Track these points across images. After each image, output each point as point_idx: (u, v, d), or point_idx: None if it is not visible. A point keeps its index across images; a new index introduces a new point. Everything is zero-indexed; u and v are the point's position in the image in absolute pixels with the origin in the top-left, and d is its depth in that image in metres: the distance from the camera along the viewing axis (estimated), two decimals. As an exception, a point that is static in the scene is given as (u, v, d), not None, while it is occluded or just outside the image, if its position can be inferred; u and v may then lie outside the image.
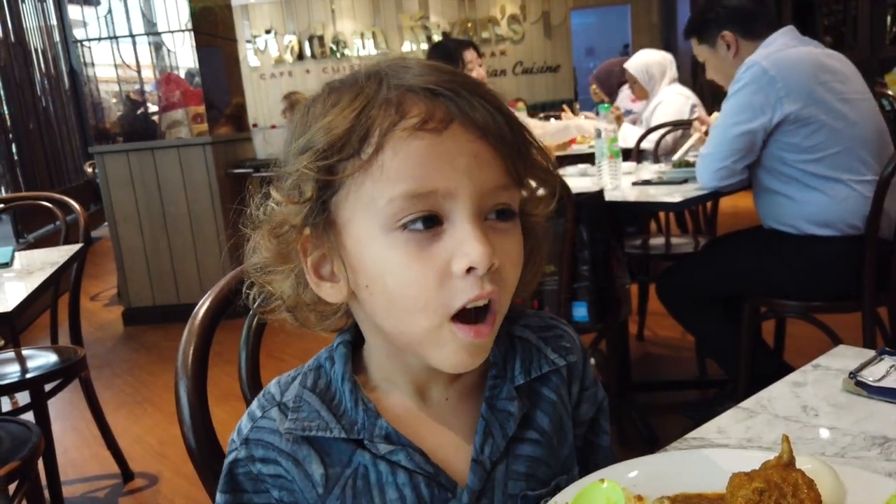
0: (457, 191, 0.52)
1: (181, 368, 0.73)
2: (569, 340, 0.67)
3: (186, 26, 4.27)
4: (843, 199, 1.99)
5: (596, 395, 0.70)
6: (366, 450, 0.58)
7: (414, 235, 0.53)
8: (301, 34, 10.50)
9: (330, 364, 0.62)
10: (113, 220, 4.32)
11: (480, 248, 0.51)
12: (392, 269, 0.53)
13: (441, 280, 0.53)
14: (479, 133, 0.53)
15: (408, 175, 0.52)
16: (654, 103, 3.70)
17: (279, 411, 0.60)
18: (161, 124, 4.36)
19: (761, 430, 0.71)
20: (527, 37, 9.94)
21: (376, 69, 0.56)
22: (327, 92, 0.57)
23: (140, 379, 3.50)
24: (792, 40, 2.10)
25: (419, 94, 0.53)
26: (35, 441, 1.64)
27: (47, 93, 7.41)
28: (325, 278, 0.58)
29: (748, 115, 2.00)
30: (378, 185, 0.52)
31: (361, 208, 0.54)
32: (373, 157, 0.52)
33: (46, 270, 1.88)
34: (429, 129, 0.52)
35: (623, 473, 0.59)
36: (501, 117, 0.54)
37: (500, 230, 0.55)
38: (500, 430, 0.61)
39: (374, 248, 0.54)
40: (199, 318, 0.76)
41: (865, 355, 0.84)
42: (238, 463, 0.60)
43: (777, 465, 0.52)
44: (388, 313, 0.56)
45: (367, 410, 0.59)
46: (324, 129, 0.53)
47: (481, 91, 0.55)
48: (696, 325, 2.39)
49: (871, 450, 0.66)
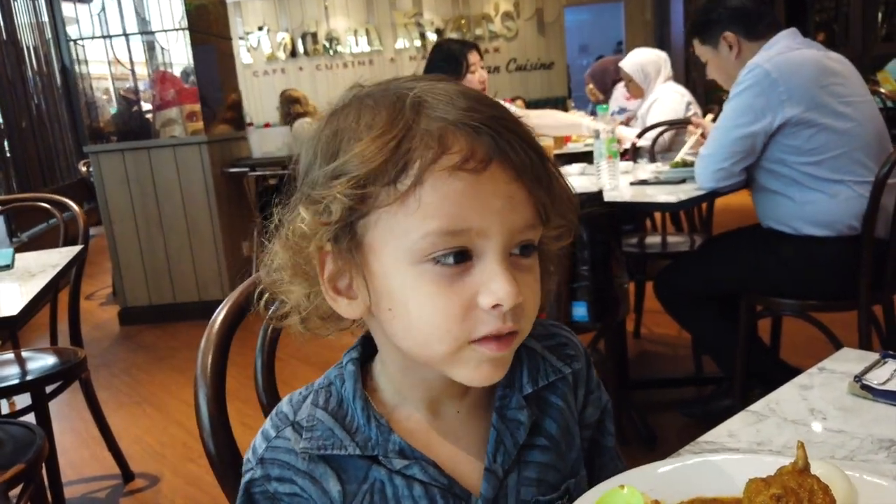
0: (489, 230, 0.53)
1: (200, 376, 0.74)
2: (573, 348, 0.69)
3: (181, 24, 4.26)
4: (843, 201, 2.02)
5: (600, 399, 0.71)
6: (381, 465, 0.59)
7: (444, 269, 0.54)
8: (294, 31, 10.47)
9: (340, 382, 0.63)
10: (108, 220, 4.31)
11: (508, 288, 0.53)
12: (418, 298, 0.54)
13: (466, 312, 0.54)
14: (514, 174, 0.54)
15: (445, 213, 0.52)
16: (650, 101, 3.71)
17: (293, 430, 0.61)
18: (155, 123, 4.35)
19: (771, 433, 0.73)
20: (520, 34, 9.95)
21: (413, 93, 0.55)
22: (358, 107, 0.57)
23: (138, 379, 3.50)
24: (794, 42, 2.11)
25: (461, 130, 0.53)
26: (39, 444, 1.65)
27: (40, 91, 7.37)
28: (342, 293, 0.59)
29: (749, 117, 2.02)
30: (412, 219, 0.53)
31: (392, 237, 0.54)
32: (410, 191, 0.52)
33: (48, 273, 1.88)
34: (469, 169, 0.52)
35: (641, 478, 0.60)
36: (536, 156, 0.55)
37: (522, 266, 0.56)
38: (511, 439, 0.62)
39: (402, 276, 0.54)
40: (216, 325, 0.77)
41: (869, 358, 0.86)
42: (254, 483, 0.61)
43: (793, 471, 0.54)
44: (408, 336, 0.57)
45: (380, 426, 0.60)
46: (359, 156, 0.53)
47: (519, 128, 0.56)
48: (692, 323, 2.41)
49: (878, 453, 0.68)
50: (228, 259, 4.34)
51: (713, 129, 2.16)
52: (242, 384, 0.81)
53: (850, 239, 2.03)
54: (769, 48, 2.12)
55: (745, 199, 2.35)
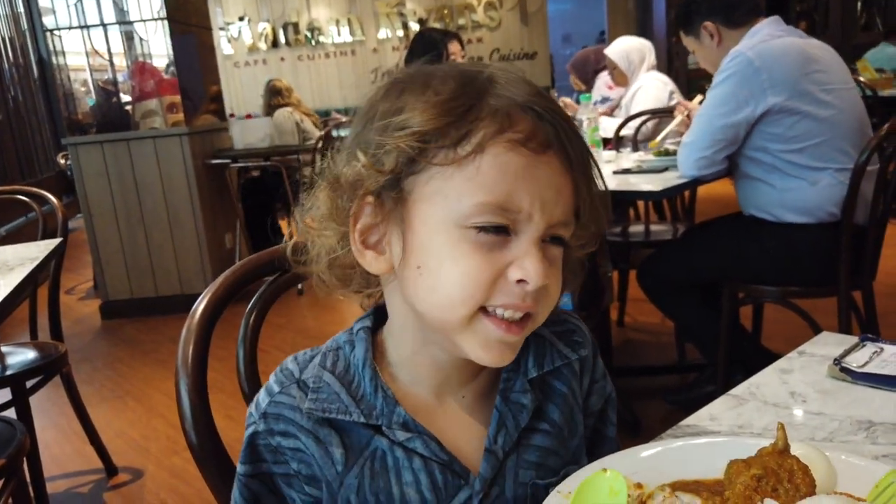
0: (534, 216, 0.56)
1: (181, 367, 0.73)
2: (580, 335, 0.70)
3: (159, 14, 4.20)
4: (823, 188, 2.03)
5: (605, 388, 0.72)
6: (383, 436, 0.61)
7: (487, 238, 0.56)
8: (275, 21, 10.37)
9: (350, 348, 0.64)
10: (88, 213, 4.26)
11: (539, 267, 0.56)
12: (453, 258, 0.56)
13: (493, 281, 0.56)
14: (569, 165, 0.57)
15: (500, 188, 0.55)
16: (634, 89, 3.73)
17: (298, 388, 0.62)
18: (135, 114, 4.29)
19: (752, 416, 0.74)
20: (503, 24, 9.92)
21: (490, 73, 0.58)
22: (425, 78, 0.58)
23: (120, 373, 3.47)
24: (777, 30, 2.12)
25: (527, 112, 0.56)
26: (20, 438, 1.63)
27: (16, 83, 7.25)
28: (370, 247, 0.60)
29: (732, 105, 2.03)
30: (469, 185, 0.55)
31: (442, 198, 0.56)
32: (470, 157, 0.55)
33: (27, 266, 1.85)
34: (530, 148, 0.55)
35: (624, 462, 0.60)
36: (588, 155, 0.59)
37: (550, 256, 0.59)
38: (514, 421, 0.63)
39: (443, 235, 0.56)
40: (197, 316, 0.76)
41: (848, 342, 0.87)
42: (258, 435, 0.62)
43: (773, 452, 0.54)
44: (431, 295, 0.58)
45: (387, 397, 0.61)
46: (425, 113, 0.55)
47: (573, 126, 0.59)
48: (675, 311, 2.43)
49: (857, 434, 0.69)
50: (211, 251, 4.30)
51: (696, 117, 2.17)
52: (226, 376, 0.80)
53: (830, 226, 2.05)
54: (752, 36, 2.13)
55: (727, 188, 2.37)
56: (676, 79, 8.94)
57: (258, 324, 0.82)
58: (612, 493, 0.55)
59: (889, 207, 2.12)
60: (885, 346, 0.84)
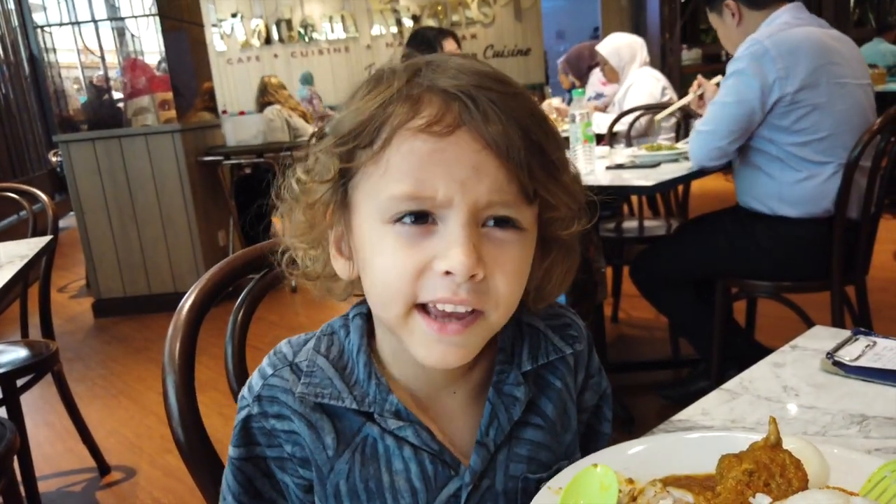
0: (453, 199, 0.53)
1: (168, 363, 0.73)
2: (576, 329, 0.69)
3: (151, 10, 4.18)
4: (824, 183, 2.02)
5: (600, 384, 0.72)
6: (375, 423, 0.60)
7: (406, 229, 0.54)
8: (268, 18, 10.33)
9: (344, 333, 0.63)
10: (80, 210, 4.23)
11: (463, 257, 0.52)
12: (381, 254, 0.55)
13: (419, 273, 0.54)
14: (483, 143, 0.53)
15: (408, 176, 0.53)
16: (627, 85, 3.73)
17: (291, 371, 0.61)
18: (127, 112, 4.27)
19: (744, 410, 0.73)
20: (497, 20, 9.91)
21: (417, 63, 0.57)
22: (373, 78, 0.58)
23: (113, 371, 3.45)
24: (796, 18, 2.09)
25: (436, 95, 0.54)
26: (10, 437, 1.62)
27: (7, 80, 7.21)
28: (343, 254, 0.61)
29: (749, 95, 1.99)
30: (382, 180, 0.54)
31: (367, 197, 0.56)
32: (381, 151, 0.54)
33: (16, 264, 1.84)
34: (433, 133, 0.52)
35: (615, 457, 0.60)
36: (517, 129, 0.53)
37: (497, 240, 0.55)
38: (506, 414, 0.62)
39: (372, 234, 0.56)
40: (184, 312, 0.75)
41: (841, 336, 0.87)
42: (252, 418, 0.61)
43: (765, 447, 0.54)
44: (371, 294, 0.58)
45: (380, 385, 0.60)
46: (351, 114, 0.55)
47: (502, 100, 0.54)
48: (669, 307, 2.43)
49: (850, 428, 0.68)
50: (204, 249, 4.28)
51: (711, 105, 2.12)
52: (220, 374, 0.79)
53: (824, 220, 2.05)
54: (770, 22, 2.10)
55: (722, 184, 2.37)
56: (670, 75, 8.93)
57: (246, 320, 0.81)
58: (603, 488, 0.55)
59: (882, 202, 2.13)
60: (877, 340, 0.84)
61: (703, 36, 10.11)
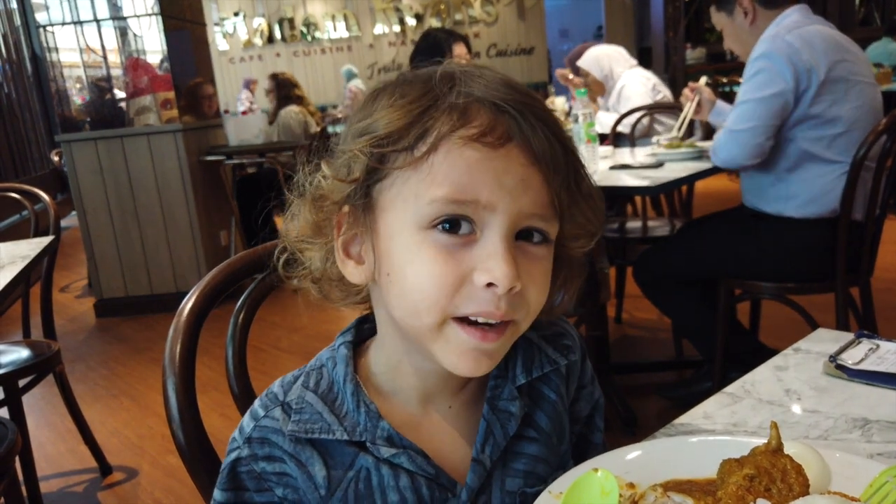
0: (497, 205, 0.53)
1: (168, 366, 0.72)
2: (570, 339, 0.68)
3: (153, 9, 4.18)
4: (833, 181, 2.01)
5: (593, 394, 0.71)
6: (368, 453, 0.59)
7: (444, 238, 0.54)
8: (270, 17, 10.34)
9: (332, 364, 0.62)
10: (82, 210, 4.24)
11: (505, 268, 0.52)
12: (416, 263, 0.54)
13: (459, 285, 0.54)
14: (532, 158, 0.54)
15: (454, 180, 0.53)
16: (618, 88, 3.72)
17: (282, 411, 0.60)
18: (129, 111, 4.27)
19: (746, 414, 0.73)
20: (500, 19, 9.90)
21: (451, 71, 0.56)
22: (398, 83, 0.58)
23: (115, 371, 3.46)
24: (805, 18, 2.09)
25: (485, 106, 0.54)
26: (12, 438, 1.62)
27: (9, 79, 7.22)
28: (353, 257, 0.60)
29: (781, 87, 1.96)
30: (423, 184, 0.53)
31: (402, 201, 0.55)
32: (424, 156, 0.53)
33: (18, 264, 1.84)
34: (485, 143, 0.53)
35: (615, 461, 0.59)
36: (559, 146, 0.55)
37: (529, 254, 0.56)
38: (501, 430, 0.61)
39: (406, 239, 0.55)
40: (184, 314, 0.75)
41: (844, 338, 0.86)
42: (241, 461, 0.60)
43: (766, 451, 0.53)
44: (401, 302, 0.57)
45: (370, 412, 0.59)
46: (386, 117, 0.54)
47: (546, 116, 0.55)
48: (672, 308, 2.42)
49: (852, 432, 0.68)
50: (206, 249, 4.29)
51: (741, 104, 2.06)
52: (222, 375, 0.79)
53: (828, 221, 2.05)
54: (780, 22, 2.09)
55: (726, 184, 2.36)
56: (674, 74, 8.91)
57: (247, 322, 0.81)
58: (604, 493, 0.54)
59: (887, 203, 2.12)
60: (880, 343, 0.83)
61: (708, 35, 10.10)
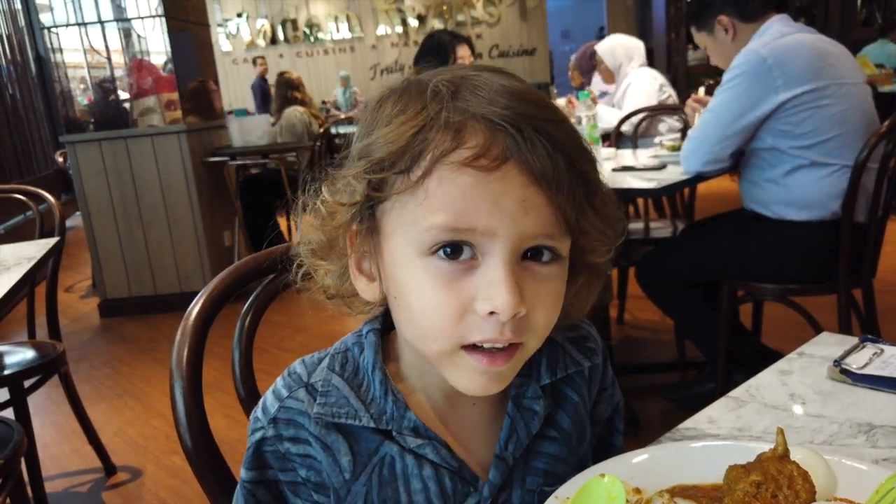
0: (496, 231, 0.51)
1: (175, 370, 0.73)
2: (593, 341, 0.68)
3: (157, 11, 4.19)
4: (830, 184, 2.02)
5: (613, 397, 0.72)
6: (393, 441, 0.59)
7: (444, 266, 0.52)
8: (274, 18, 10.35)
9: (358, 350, 0.62)
10: (86, 211, 4.25)
11: (507, 297, 0.51)
12: (418, 291, 0.54)
13: (461, 314, 0.53)
14: (532, 177, 0.51)
15: (449, 207, 0.51)
16: (624, 85, 3.74)
17: (306, 392, 0.60)
18: (133, 112, 4.28)
19: (751, 419, 0.73)
20: (502, 19, 9.90)
21: (449, 81, 0.53)
22: (399, 92, 0.56)
23: (119, 371, 3.47)
24: (787, 27, 2.10)
25: (480, 124, 0.51)
26: (17, 439, 1.63)
27: (14, 80, 7.24)
28: (365, 274, 0.60)
29: (744, 105, 2.00)
30: (420, 210, 0.52)
31: (402, 226, 0.54)
32: (420, 181, 0.51)
33: (24, 266, 1.85)
34: (479, 167, 0.50)
35: (622, 466, 0.60)
36: (563, 160, 0.52)
37: (538, 275, 0.54)
38: (525, 428, 0.62)
39: (407, 266, 0.54)
40: (192, 318, 0.75)
41: (848, 342, 0.86)
42: (265, 441, 0.60)
43: (772, 458, 0.54)
44: (408, 326, 0.57)
45: (397, 402, 0.59)
46: (383, 139, 0.53)
47: (548, 129, 0.52)
48: (674, 309, 2.42)
49: (857, 437, 0.68)
50: (210, 249, 4.29)
51: (705, 112, 2.13)
52: (227, 375, 0.80)
53: (831, 223, 2.05)
54: (762, 34, 2.11)
55: (728, 185, 2.36)
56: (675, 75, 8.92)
57: (253, 326, 0.82)
58: (611, 498, 0.55)
59: (889, 204, 2.12)
60: (885, 348, 0.84)
61: (709, 36, 10.06)
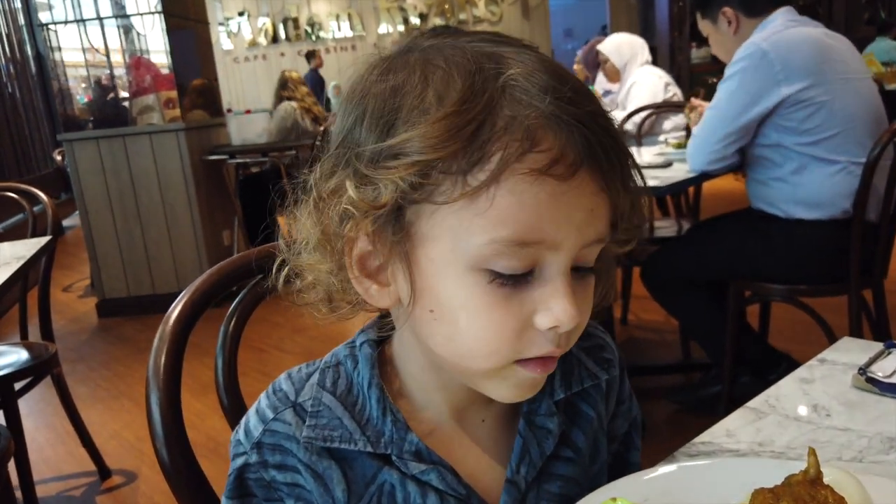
0: (562, 244, 0.46)
1: (152, 378, 0.68)
2: (610, 352, 0.63)
3: (156, 8, 4.15)
4: (838, 181, 1.97)
5: (630, 410, 0.66)
6: (393, 467, 0.53)
7: (503, 281, 0.47)
8: (275, 16, 10.32)
9: (352, 364, 0.56)
10: (84, 210, 4.20)
11: (570, 310, 0.47)
12: (470, 309, 0.48)
13: (520, 332, 0.48)
14: (602, 184, 0.47)
15: (521, 220, 0.45)
16: (629, 84, 3.71)
17: (294, 413, 0.54)
18: (132, 110, 4.24)
19: (772, 432, 0.68)
20: (505, 18, 9.85)
21: (496, 65, 0.46)
22: (424, 65, 0.47)
23: (116, 372, 3.42)
24: (791, 20, 2.06)
25: (552, 123, 0.45)
26: (3, 444, 1.58)
27: (13, 78, 7.21)
28: (372, 276, 0.51)
29: (745, 100, 1.96)
30: (480, 220, 0.45)
31: (450, 234, 0.46)
32: (483, 188, 0.44)
33: (13, 265, 1.80)
34: (555, 175, 0.44)
35: (634, 487, 0.55)
36: (626, 160, 0.49)
37: (583, 282, 0.50)
38: (538, 449, 0.56)
39: (454, 280, 0.47)
40: (170, 322, 0.70)
41: (871, 348, 0.81)
42: (248, 468, 0.54)
43: (803, 481, 0.48)
44: (449, 344, 0.50)
45: (396, 422, 0.53)
46: (426, 137, 0.44)
47: (611, 126, 0.48)
48: (680, 310, 2.37)
49: (889, 453, 0.63)
50: (209, 249, 4.25)
51: (707, 110, 2.10)
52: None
53: (840, 223, 1.99)
54: (764, 27, 2.06)
55: (733, 184, 2.31)
56: (679, 74, 8.87)
57: (238, 331, 0.77)
58: (622, 523, 0.50)
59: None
60: (912, 354, 0.78)
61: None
